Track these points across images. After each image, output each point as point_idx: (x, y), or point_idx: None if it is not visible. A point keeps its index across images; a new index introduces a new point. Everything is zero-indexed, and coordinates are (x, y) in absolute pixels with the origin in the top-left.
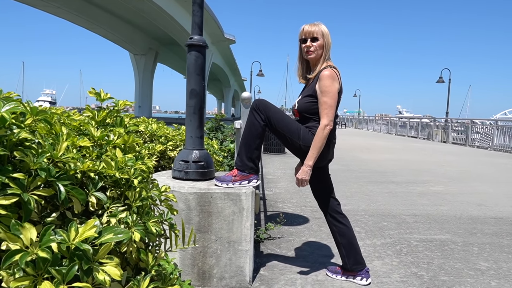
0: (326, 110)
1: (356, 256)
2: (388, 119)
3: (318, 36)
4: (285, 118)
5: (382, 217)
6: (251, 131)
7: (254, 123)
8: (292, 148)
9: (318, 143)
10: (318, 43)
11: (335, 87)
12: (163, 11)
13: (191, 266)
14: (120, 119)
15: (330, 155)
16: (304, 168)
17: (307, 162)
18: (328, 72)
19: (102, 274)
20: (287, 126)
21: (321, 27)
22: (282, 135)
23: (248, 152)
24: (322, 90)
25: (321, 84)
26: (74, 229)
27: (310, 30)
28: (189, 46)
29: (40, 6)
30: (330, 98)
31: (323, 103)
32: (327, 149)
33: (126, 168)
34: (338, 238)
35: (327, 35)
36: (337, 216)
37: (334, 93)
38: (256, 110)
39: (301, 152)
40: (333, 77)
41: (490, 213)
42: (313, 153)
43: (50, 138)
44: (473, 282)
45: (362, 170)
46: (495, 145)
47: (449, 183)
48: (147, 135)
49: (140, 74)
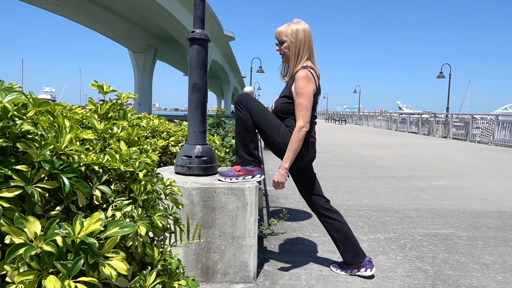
0: (302, 111)
1: (355, 248)
2: (388, 115)
3: (283, 38)
4: (267, 114)
5: (385, 212)
6: (241, 125)
7: (241, 117)
8: (271, 146)
9: (293, 145)
10: (283, 45)
11: (310, 89)
12: (162, 8)
13: (195, 262)
14: (124, 112)
15: (311, 155)
16: (280, 170)
17: (283, 165)
18: (303, 73)
19: (108, 268)
20: (268, 123)
21: (288, 27)
22: (263, 131)
23: (244, 147)
24: (297, 91)
25: (296, 86)
26: (79, 223)
27: (276, 34)
28: (191, 39)
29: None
30: (305, 99)
31: (298, 104)
32: (307, 149)
33: (130, 161)
34: (333, 234)
35: (294, 33)
36: (328, 213)
37: (309, 94)
38: (239, 105)
39: (279, 150)
40: (308, 78)
41: (494, 207)
42: (289, 155)
43: (52, 130)
44: (479, 276)
45: (364, 165)
46: (496, 140)
47: (451, 177)
48: (149, 131)
49: (140, 71)
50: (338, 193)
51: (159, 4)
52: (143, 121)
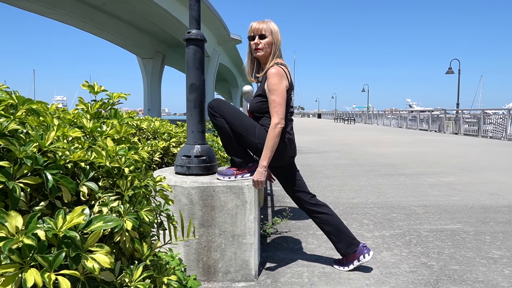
0: (276, 108)
1: (347, 238)
2: (398, 113)
3: (266, 34)
4: (240, 116)
5: (392, 209)
6: (222, 132)
7: (217, 124)
8: (249, 147)
9: (270, 143)
10: (266, 40)
11: (283, 85)
12: (169, 14)
13: (196, 261)
14: (115, 111)
15: (291, 152)
16: (259, 169)
17: (261, 163)
18: (275, 70)
19: (91, 261)
20: (243, 125)
21: (270, 24)
22: (238, 134)
23: (233, 151)
24: (270, 88)
25: (269, 83)
26: (61, 217)
27: (258, 27)
28: (187, 40)
29: (48, 14)
30: (278, 96)
31: (272, 101)
32: (285, 147)
33: (116, 157)
34: (323, 227)
35: (276, 32)
36: (315, 208)
37: (282, 90)
38: (212, 112)
39: (258, 150)
40: (280, 74)
41: (504, 201)
42: (266, 153)
43: (40, 129)
44: (485, 270)
45: (371, 163)
46: (508, 135)
47: (461, 173)
48: (150, 133)
49: (148, 77)
50: (344, 191)
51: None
52: (144, 123)
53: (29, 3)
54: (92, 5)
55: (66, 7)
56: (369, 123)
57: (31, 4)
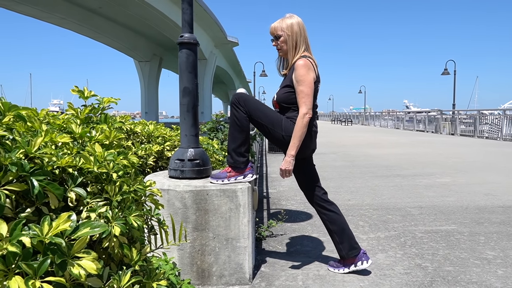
0: (304, 98)
1: (350, 241)
2: (395, 114)
3: (279, 33)
4: (266, 110)
5: (387, 210)
6: (236, 126)
7: (237, 118)
8: (275, 139)
9: (298, 132)
10: (280, 40)
11: (310, 76)
12: (166, 17)
13: (190, 265)
14: (105, 116)
15: (313, 145)
16: (287, 158)
17: (289, 152)
18: (302, 61)
19: (77, 268)
20: (268, 117)
21: (282, 22)
22: (264, 126)
23: (236, 148)
24: (298, 79)
25: (296, 74)
26: (47, 223)
27: (272, 29)
28: (180, 44)
29: (44, 17)
30: (306, 86)
31: (300, 92)
32: (310, 139)
33: (104, 163)
34: (329, 225)
35: (289, 27)
36: (325, 204)
37: (309, 81)
38: (236, 105)
39: (284, 143)
40: (308, 66)
41: (498, 202)
42: (294, 142)
43: (28, 135)
44: (479, 271)
45: (368, 165)
46: (504, 135)
47: (457, 174)
48: (144, 136)
49: (145, 80)
50: (340, 193)
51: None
52: (138, 127)
53: (26, 7)
54: (88, 9)
55: (62, 11)
56: (366, 125)
57: (28, 8)
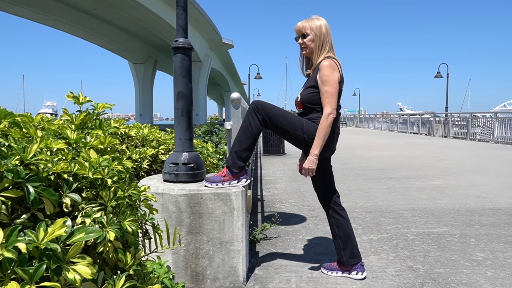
0: (328, 99)
1: (353, 249)
2: (389, 117)
3: (307, 31)
4: (286, 114)
5: (380, 213)
6: (247, 131)
7: (251, 124)
8: (297, 142)
9: (322, 132)
10: (308, 38)
11: (335, 76)
12: (161, 19)
13: (184, 268)
14: (99, 121)
15: (334, 146)
16: (311, 157)
17: (313, 151)
18: (327, 62)
19: (72, 273)
20: (289, 122)
21: (311, 22)
22: (285, 131)
23: (241, 152)
24: (323, 79)
25: (321, 74)
26: (43, 229)
27: (299, 28)
28: (175, 48)
29: (37, 19)
30: (331, 87)
31: (324, 92)
32: (332, 139)
33: (99, 168)
34: (336, 230)
35: (317, 27)
36: (337, 208)
37: (334, 82)
38: (255, 112)
39: (306, 144)
40: (333, 66)
41: (489, 204)
42: (318, 142)
43: (24, 141)
44: (469, 273)
45: (362, 167)
46: (496, 138)
47: (449, 176)
48: (139, 140)
49: (140, 82)
50: None
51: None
52: (132, 130)
53: (19, 8)
54: (82, 10)
55: (56, 13)
56: (360, 127)
57: (21, 9)
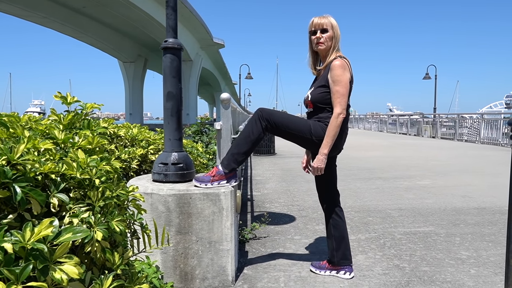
0: (339, 99)
1: (345, 251)
2: (379, 117)
3: (328, 28)
4: (292, 119)
5: (368, 212)
6: (247, 137)
7: (253, 130)
8: (306, 144)
9: (332, 131)
10: (327, 34)
11: (346, 76)
12: (152, 18)
13: (173, 268)
14: (88, 122)
15: (341, 145)
16: (320, 156)
17: (322, 151)
18: (339, 62)
19: (59, 272)
20: (297, 126)
21: (330, 19)
22: (293, 135)
23: (238, 155)
24: (334, 79)
25: (333, 74)
26: (29, 229)
27: (320, 22)
28: (164, 49)
29: (25, 16)
30: (342, 87)
31: (335, 92)
32: (340, 139)
33: (87, 169)
34: (332, 230)
35: (335, 27)
36: (336, 209)
37: (345, 82)
38: (260, 119)
39: (315, 145)
40: (344, 66)
41: (474, 204)
42: (327, 141)
43: (11, 141)
44: (453, 271)
45: (351, 167)
46: (482, 138)
47: (436, 176)
48: (128, 140)
49: (130, 81)
50: None
51: (147, 14)
52: (121, 130)
53: (6, 5)
54: (71, 8)
55: (45, 10)
56: (350, 127)
57: (8, 6)
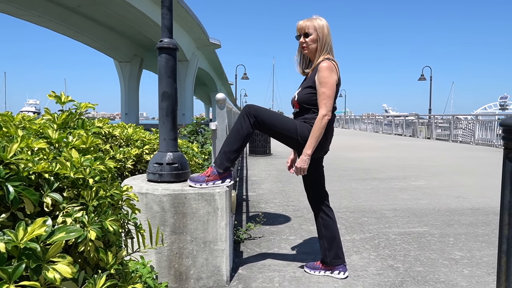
0: (325, 100)
1: (338, 250)
2: (374, 118)
3: (310, 31)
4: (279, 117)
5: (363, 213)
6: (237, 133)
7: (242, 127)
8: (291, 143)
9: (316, 133)
10: (310, 37)
11: (333, 78)
12: (148, 18)
13: (168, 268)
14: (82, 121)
15: (327, 147)
16: (303, 157)
17: (306, 151)
18: (326, 64)
19: (52, 272)
20: (283, 125)
21: (314, 21)
22: (279, 133)
23: (229, 153)
24: (321, 81)
25: (320, 76)
26: (22, 229)
27: (302, 26)
28: (160, 49)
29: (20, 15)
30: (328, 88)
31: (322, 93)
32: (325, 140)
33: (81, 168)
34: (322, 230)
35: (320, 28)
36: (325, 209)
37: (332, 84)
38: (248, 115)
39: (300, 145)
40: (331, 68)
41: (468, 204)
42: (311, 142)
43: (4, 140)
44: (447, 271)
45: (346, 168)
46: (476, 140)
47: (430, 177)
48: (123, 140)
49: (126, 81)
50: None
51: (143, 13)
52: (116, 130)
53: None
54: (67, 7)
55: (39, 9)
56: (346, 128)
57: (3, 4)
